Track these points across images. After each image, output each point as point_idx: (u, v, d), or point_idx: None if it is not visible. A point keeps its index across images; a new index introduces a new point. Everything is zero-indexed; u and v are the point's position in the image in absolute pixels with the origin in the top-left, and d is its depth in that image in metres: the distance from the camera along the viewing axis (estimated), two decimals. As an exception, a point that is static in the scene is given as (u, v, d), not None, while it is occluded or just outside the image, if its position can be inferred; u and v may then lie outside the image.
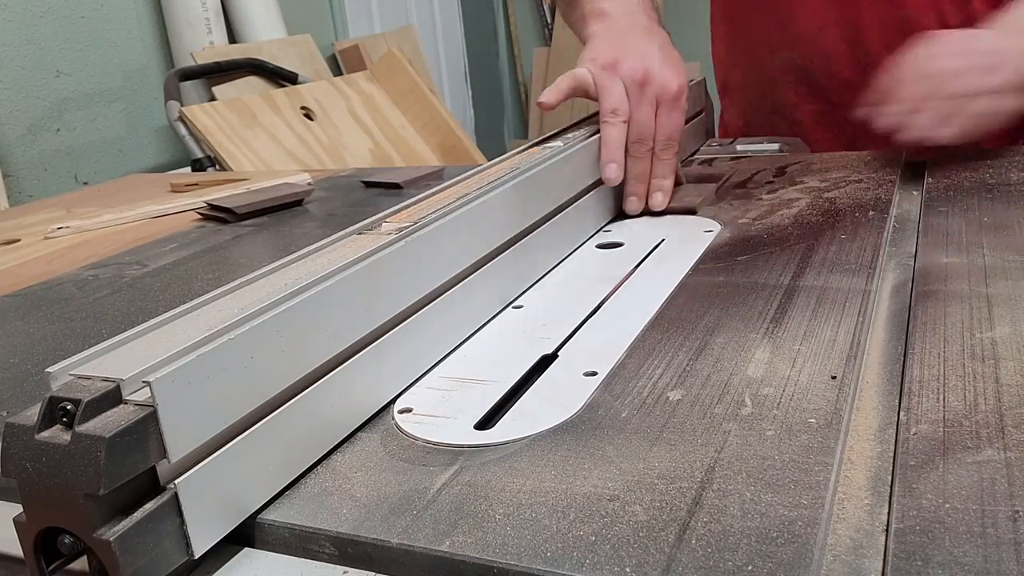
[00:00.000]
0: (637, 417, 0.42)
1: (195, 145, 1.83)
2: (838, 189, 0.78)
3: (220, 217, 0.96)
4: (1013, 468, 0.34)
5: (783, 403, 0.41)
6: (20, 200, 1.76)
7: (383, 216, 0.53)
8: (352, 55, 2.59)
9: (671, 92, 0.75)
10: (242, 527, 0.36)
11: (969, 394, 0.40)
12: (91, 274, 0.79)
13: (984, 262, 0.57)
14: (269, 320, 0.38)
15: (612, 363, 0.48)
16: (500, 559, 0.32)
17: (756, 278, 0.58)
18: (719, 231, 0.70)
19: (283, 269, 0.45)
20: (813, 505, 0.33)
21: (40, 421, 0.32)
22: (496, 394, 0.46)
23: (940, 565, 0.29)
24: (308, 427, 0.40)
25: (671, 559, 0.31)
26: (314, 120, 2.05)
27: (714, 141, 1.03)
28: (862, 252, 0.61)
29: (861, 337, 0.48)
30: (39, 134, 1.86)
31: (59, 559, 0.33)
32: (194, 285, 0.72)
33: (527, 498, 0.36)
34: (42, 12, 1.86)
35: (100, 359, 0.35)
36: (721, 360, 0.47)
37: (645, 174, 0.76)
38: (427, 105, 2.24)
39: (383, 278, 0.46)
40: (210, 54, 2.08)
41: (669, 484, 0.36)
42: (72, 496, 0.31)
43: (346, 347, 0.43)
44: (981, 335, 0.46)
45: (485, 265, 0.56)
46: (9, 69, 1.80)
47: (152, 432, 0.32)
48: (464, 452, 0.40)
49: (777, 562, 0.30)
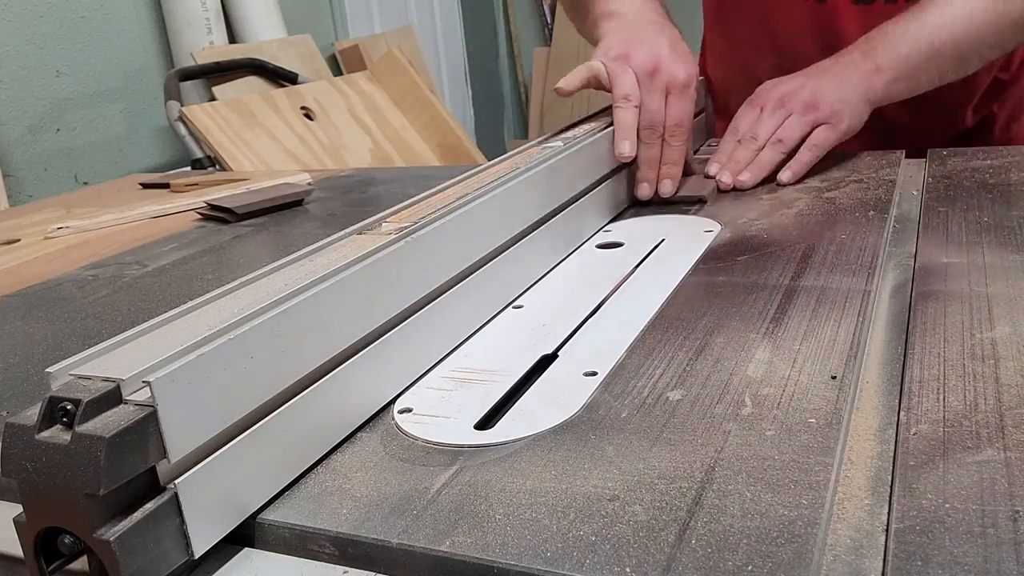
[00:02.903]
0: (637, 417, 0.42)
1: (195, 145, 1.82)
2: (838, 189, 0.78)
3: (220, 217, 0.96)
4: (1013, 468, 0.34)
5: (783, 403, 0.41)
6: (20, 200, 1.76)
7: (383, 216, 0.53)
8: (352, 55, 2.59)
9: (680, 80, 0.78)
10: (242, 527, 0.36)
11: (969, 394, 0.40)
12: (91, 274, 0.79)
13: (984, 262, 0.57)
14: (269, 320, 0.38)
15: (612, 363, 0.48)
16: (500, 559, 0.32)
17: (756, 278, 0.58)
18: (719, 231, 0.70)
19: (283, 269, 0.45)
20: (813, 505, 0.33)
21: (40, 421, 0.32)
22: (496, 394, 0.46)
23: (940, 565, 0.29)
24: (308, 427, 0.40)
25: (671, 559, 0.31)
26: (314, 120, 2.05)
27: (714, 141, 1.03)
28: (862, 252, 0.61)
29: (861, 337, 0.48)
30: (39, 134, 1.86)
31: (59, 559, 0.33)
32: (194, 285, 0.72)
33: (527, 498, 0.36)
34: (42, 12, 1.86)
35: (100, 359, 0.35)
36: (721, 360, 0.47)
37: (655, 159, 0.78)
38: (427, 105, 2.24)
39: (383, 278, 0.46)
40: (210, 54, 2.08)
41: (669, 484, 0.36)
42: (72, 496, 0.31)
43: (346, 347, 0.43)
44: (981, 335, 0.46)
45: (485, 265, 0.56)
46: (9, 69, 1.80)
47: (152, 432, 0.32)
48: (464, 452, 0.40)
49: (777, 562, 0.30)
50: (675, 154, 0.79)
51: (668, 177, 0.79)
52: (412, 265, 0.48)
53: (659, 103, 0.78)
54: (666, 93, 0.78)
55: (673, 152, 0.79)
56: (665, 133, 0.78)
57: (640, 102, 0.77)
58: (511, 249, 0.59)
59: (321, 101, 2.10)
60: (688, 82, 0.79)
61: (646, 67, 0.78)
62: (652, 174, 0.79)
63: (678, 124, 0.78)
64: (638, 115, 0.77)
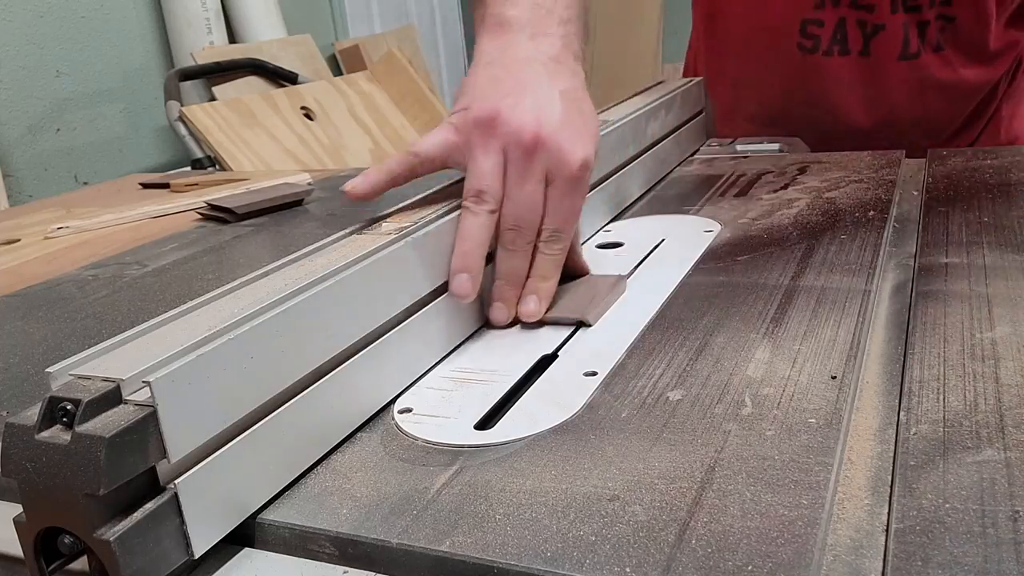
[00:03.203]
0: (637, 417, 0.42)
1: (195, 145, 1.83)
2: (838, 189, 0.78)
3: (220, 217, 0.96)
4: (1013, 468, 0.34)
5: (783, 403, 0.41)
6: (20, 200, 1.76)
7: (383, 216, 0.53)
8: (352, 55, 2.59)
9: (569, 168, 0.54)
10: (242, 527, 0.36)
11: (969, 394, 0.40)
12: (91, 274, 0.79)
13: (984, 262, 0.57)
14: (269, 320, 0.38)
15: (612, 363, 0.48)
16: (500, 559, 0.32)
17: (756, 278, 0.58)
18: (719, 231, 0.70)
19: (283, 269, 0.45)
20: (813, 505, 0.33)
21: (40, 421, 0.32)
22: (496, 394, 0.46)
23: (940, 565, 0.29)
24: (308, 427, 0.40)
25: (671, 559, 0.31)
26: (314, 120, 2.05)
27: (714, 141, 1.03)
28: (862, 252, 0.61)
29: (861, 337, 0.48)
30: (39, 134, 1.86)
31: (59, 559, 0.33)
32: (194, 285, 0.72)
33: (527, 498, 0.36)
34: (42, 12, 1.86)
35: (100, 359, 0.35)
36: (721, 360, 0.47)
37: (519, 274, 0.55)
38: (427, 105, 2.24)
39: (383, 278, 0.46)
40: (210, 54, 2.08)
41: (669, 484, 0.36)
42: (72, 496, 0.31)
43: (346, 347, 0.43)
44: (981, 335, 0.46)
45: (485, 265, 0.56)
46: (9, 69, 1.80)
47: (152, 432, 0.32)
48: (464, 452, 0.40)
49: (777, 562, 0.30)
50: (550, 266, 0.55)
51: (532, 295, 0.54)
52: (412, 265, 0.48)
53: (533, 196, 0.53)
54: (547, 183, 0.54)
55: (547, 264, 0.55)
56: (539, 238, 0.54)
57: (501, 198, 0.53)
58: (511, 249, 0.59)
59: (321, 101, 2.10)
60: (582, 170, 0.54)
61: (522, 140, 0.53)
62: (512, 293, 0.55)
63: (558, 229, 0.54)
64: (495, 220, 0.53)
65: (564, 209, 0.55)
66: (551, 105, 0.55)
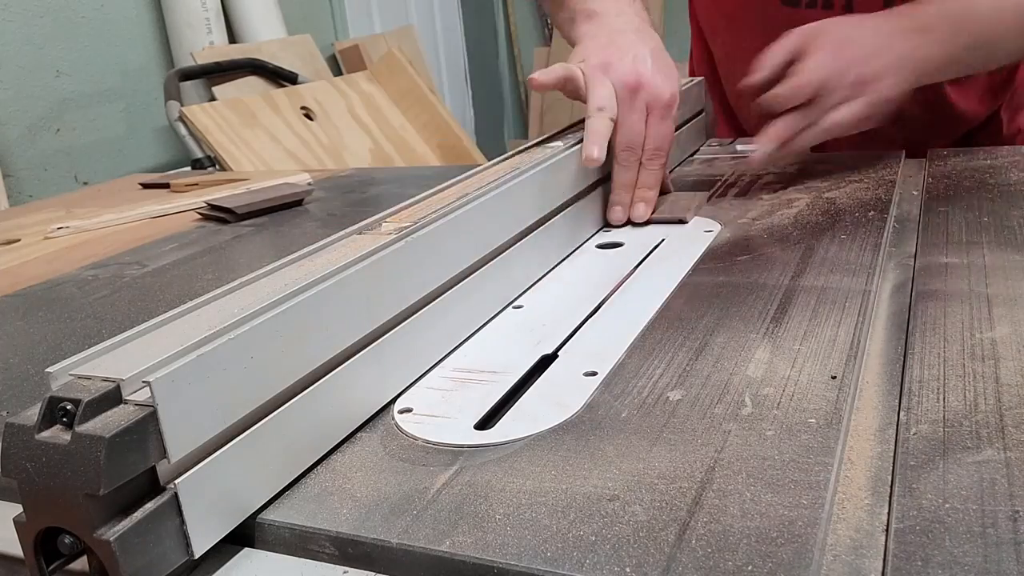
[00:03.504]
0: (637, 417, 0.42)
1: (195, 145, 1.83)
2: (838, 189, 0.78)
3: (220, 217, 0.96)
4: (1013, 468, 0.34)
5: (783, 403, 0.41)
6: (20, 200, 1.76)
7: (383, 216, 0.53)
8: (352, 55, 2.60)
9: (663, 100, 0.72)
10: (242, 527, 0.36)
11: (969, 394, 0.40)
12: (91, 274, 0.79)
13: (984, 262, 0.57)
14: (269, 320, 0.38)
15: (612, 363, 0.48)
16: (500, 559, 0.32)
17: (756, 278, 0.58)
18: (719, 231, 0.70)
19: (283, 269, 0.45)
20: (813, 505, 0.33)
21: (40, 421, 0.32)
22: (496, 394, 0.46)
23: (940, 565, 0.29)
24: (308, 427, 0.40)
25: (671, 559, 0.31)
26: (314, 120, 2.05)
27: (714, 141, 1.03)
28: (862, 252, 0.61)
29: (861, 337, 0.48)
30: (39, 134, 1.86)
31: (59, 559, 0.33)
32: (194, 285, 0.72)
33: (527, 498, 0.36)
34: (42, 12, 1.86)
35: (100, 359, 0.35)
36: (721, 360, 0.47)
37: (631, 183, 0.73)
38: (427, 105, 2.24)
39: (383, 278, 0.46)
40: (210, 54, 2.08)
41: (669, 484, 0.36)
42: (72, 496, 0.31)
43: (346, 347, 0.43)
44: (981, 335, 0.46)
45: (485, 265, 0.56)
46: (9, 69, 1.80)
47: (152, 432, 0.32)
48: (464, 452, 0.40)
49: (777, 562, 0.30)
50: (651, 178, 0.73)
51: (641, 201, 0.73)
52: (412, 265, 0.48)
53: (639, 123, 0.72)
54: (647, 113, 0.72)
55: (650, 176, 0.73)
56: (643, 156, 0.73)
57: (617, 118, 0.71)
58: (511, 249, 0.59)
59: (321, 101, 2.10)
60: (671, 102, 0.73)
61: (627, 82, 0.71)
62: (627, 197, 0.73)
63: (658, 148, 0.73)
64: (612, 128, 0.71)
65: (661, 133, 0.73)
66: (645, 58, 0.73)
